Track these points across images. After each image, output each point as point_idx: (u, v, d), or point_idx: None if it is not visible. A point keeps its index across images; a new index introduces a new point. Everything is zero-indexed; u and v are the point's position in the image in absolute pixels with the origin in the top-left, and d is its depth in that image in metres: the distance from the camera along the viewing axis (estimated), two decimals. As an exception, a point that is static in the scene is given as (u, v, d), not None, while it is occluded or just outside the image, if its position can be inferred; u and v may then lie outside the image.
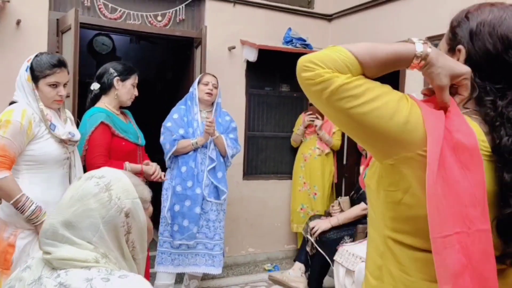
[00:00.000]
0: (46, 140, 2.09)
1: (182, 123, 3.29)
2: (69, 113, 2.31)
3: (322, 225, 3.34)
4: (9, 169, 2.00)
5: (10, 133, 1.99)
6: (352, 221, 3.34)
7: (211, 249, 3.25)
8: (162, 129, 3.32)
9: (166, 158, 3.27)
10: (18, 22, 3.42)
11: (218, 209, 3.29)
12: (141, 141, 2.70)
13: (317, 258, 3.35)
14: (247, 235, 4.42)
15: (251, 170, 4.57)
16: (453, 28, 1.01)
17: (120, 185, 1.05)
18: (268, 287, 3.87)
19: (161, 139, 3.29)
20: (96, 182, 1.03)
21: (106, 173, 1.07)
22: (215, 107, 3.39)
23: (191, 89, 3.42)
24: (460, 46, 0.97)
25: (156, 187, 3.17)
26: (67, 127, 2.18)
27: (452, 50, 0.99)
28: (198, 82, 3.36)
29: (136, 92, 2.67)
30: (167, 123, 3.30)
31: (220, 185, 3.27)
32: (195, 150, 3.24)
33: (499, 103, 0.91)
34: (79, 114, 2.96)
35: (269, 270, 4.24)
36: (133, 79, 2.64)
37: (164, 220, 3.26)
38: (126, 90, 2.61)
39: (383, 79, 0.94)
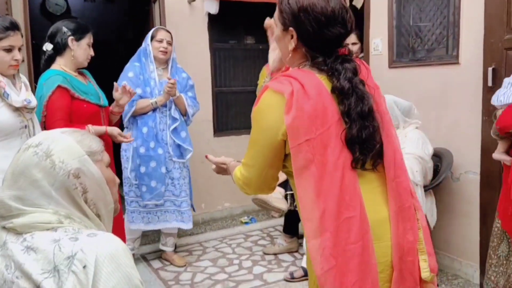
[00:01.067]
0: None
1: (139, 81, 3.18)
2: (24, 78, 2.19)
3: None
4: None
5: None
6: None
7: (179, 205, 3.30)
8: None
9: (125, 119, 3.19)
10: (-41, -16, 3.19)
11: (180, 167, 3.30)
12: (103, 101, 2.60)
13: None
14: (223, 191, 4.45)
15: (222, 127, 4.55)
16: (280, 10, 1.30)
17: (60, 148, 1.00)
18: (246, 238, 3.95)
19: None
20: (34, 152, 0.98)
21: (43, 139, 1.01)
22: (170, 64, 3.29)
23: (143, 45, 3.28)
24: (291, 29, 1.27)
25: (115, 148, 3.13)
26: (21, 94, 2.07)
27: (286, 30, 1.29)
28: (152, 38, 3.22)
29: (92, 52, 2.55)
30: (123, 83, 3.17)
31: (185, 144, 3.26)
32: (154, 110, 3.18)
33: (328, 60, 1.25)
34: (35, 78, 2.84)
35: (246, 223, 4.32)
36: (89, 38, 2.51)
37: (127, 180, 3.24)
38: (82, 50, 2.48)
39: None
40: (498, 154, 2.41)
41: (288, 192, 3.34)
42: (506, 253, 2.40)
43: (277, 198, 3.31)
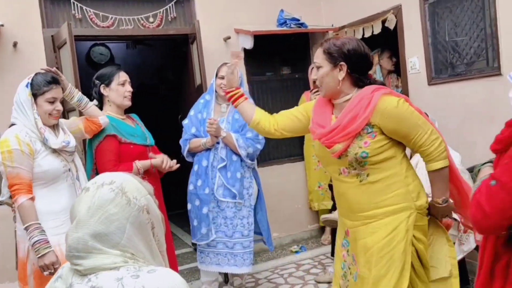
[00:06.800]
0: (43, 158, 2.15)
1: (196, 120, 3.16)
2: (62, 124, 2.35)
3: None
4: (28, 192, 2.09)
5: (17, 161, 2.06)
6: None
7: (231, 247, 3.08)
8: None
9: (184, 154, 3.19)
10: (15, 44, 3.46)
11: (236, 205, 3.08)
12: (150, 141, 2.72)
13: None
14: (270, 221, 4.41)
15: (264, 157, 4.59)
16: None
17: (131, 186, 1.07)
18: (297, 268, 3.91)
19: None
20: (110, 188, 1.05)
21: (114, 177, 1.09)
22: None
23: (212, 81, 3.25)
24: (342, 63, 1.84)
25: (184, 185, 3.13)
26: (60, 137, 2.23)
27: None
28: (216, 75, 3.15)
29: (128, 88, 2.65)
30: (185, 121, 3.21)
31: (229, 185, 3.04)
32: (209, 148, 3.09)
33: (366, 81, 1.88)
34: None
35: (296, 252, 4.28)
36: (118, 78, 2.62)
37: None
38: (114, 92, 2.62)
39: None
40: None
41: None
42: None
43: None
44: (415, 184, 1.86)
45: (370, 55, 1.89)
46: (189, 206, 3.17)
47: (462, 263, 3.09)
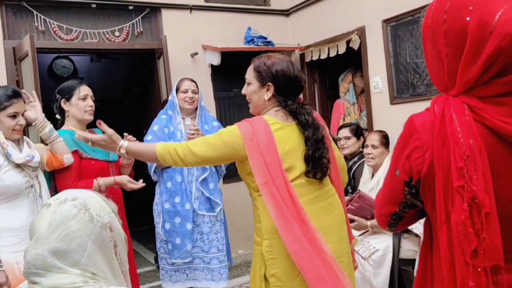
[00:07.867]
0: (5, 173, 2.08)
1: (163, 135, 3.07)
2: (27, 139, 2.29)
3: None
4: None
5: None
6: None
7: (208, 263, 3.05)
8: None
9: (151, 173, 3.09)
10: (-27, 55, 3.35)
11: (211, 220, 3.05)
12: (113, 157, 2.66)
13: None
14: (235, 238, 4.41)
15: (230, 173, 4.56)
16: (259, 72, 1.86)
17: (94, 203, 1.05)
18: (262, 286, 3.88)
19: None
20: (72, 205, 1.02)
21: (77, 194, 1.06)
22: (199, 112, 3.17)
23: (170, 97, 3.21)
24: (269, 83, 1.83)
25: (147, 201, 3.04)
26: (24, 152, 2.16)
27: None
28: (177, 90, 3.12)
29: (90, 103, 2.57)
30: (148, 137, 3.08)
31: (213, 196, 3.03)
32: None
33: (288, 102, 1.83)
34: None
35: (261, 269, 4.26)
36: (79, 93, 2.54)
37: (158, 236, 3.11)
38: (75, 106, 2.54)
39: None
40: None
41: None
42: None
43: None
44: (264, 225, 1.82)
45: (301, 77, 1.86)
46: (167, 225, 3.04)
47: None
